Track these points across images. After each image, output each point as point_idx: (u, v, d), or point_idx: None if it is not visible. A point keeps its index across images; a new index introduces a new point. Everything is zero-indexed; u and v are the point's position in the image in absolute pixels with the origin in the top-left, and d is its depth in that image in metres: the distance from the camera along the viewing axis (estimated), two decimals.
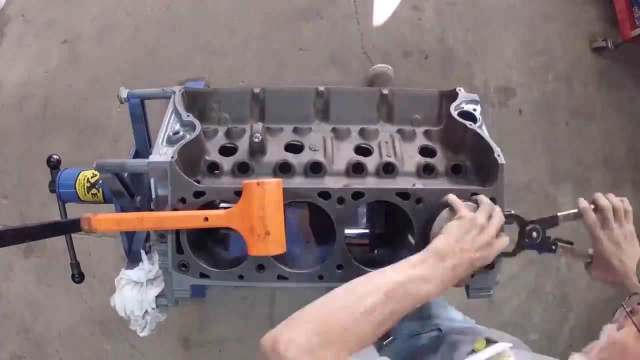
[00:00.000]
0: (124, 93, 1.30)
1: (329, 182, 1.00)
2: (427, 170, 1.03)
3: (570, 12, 2.59)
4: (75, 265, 1.41)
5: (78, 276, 1.41)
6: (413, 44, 2.51)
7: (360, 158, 1.04)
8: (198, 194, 0.92)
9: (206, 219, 0.89)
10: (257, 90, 1.14)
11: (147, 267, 1.40)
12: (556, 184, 2.47)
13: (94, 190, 1.36)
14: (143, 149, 1.49)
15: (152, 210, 1.04)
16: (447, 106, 1.12)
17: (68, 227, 1.35)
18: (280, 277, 0.95)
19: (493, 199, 0.93)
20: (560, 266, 2.42)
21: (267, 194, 0.86)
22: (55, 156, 1.39)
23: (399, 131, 1.13)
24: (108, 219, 0.93)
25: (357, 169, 1.03)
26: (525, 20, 2.57)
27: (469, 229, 0.79)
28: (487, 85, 2.50)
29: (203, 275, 0.96)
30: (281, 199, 0.89)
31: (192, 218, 0.90)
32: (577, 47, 2.57)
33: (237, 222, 0.89)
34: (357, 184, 0.99)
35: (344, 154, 1.06)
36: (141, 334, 1.45)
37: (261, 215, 0.86)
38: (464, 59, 2.51)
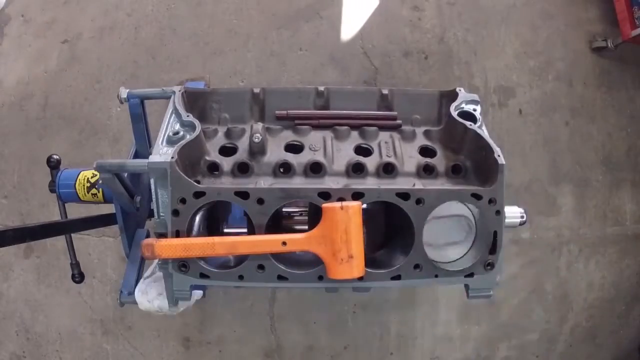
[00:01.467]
0: (124, 93, 1.30)
1: (329, 182, 1.00)
2: (427, 171, 1.03)
3: (570, 12, 2.59)
4: (75, 265, 1.41)
5: (78, 276, 1.42)
6: (413, 44, 2.51)
7: (360, 158, 1.03)
8: (198, 194, 0.92)
9: (284, 243, 0.87)
10: (257, 90, 1.14)
11: None
12: (556, 184, 2.47)
13: (94, 190, 1.36)
14: (143, 149, 1.49)
15: (151, 210, 1.03)
16: (447, 106, 1.12)
17: (68, 227, 1.35)
18: (281, 277, 0.95)
19: (493, 199, 0.93)
20: (560, 266, 2.42)
21: (351, 217, 0.85)
22: (55, 156, 1.39)
23: (399, 131, 1.13)
24: (174, 245, 0.89)
25: (357, 169, 1.02)
26: (525, 20, 2.57)
27: None
28: (487, 85, 2.50)
29: (203, 276, 0.96)
30: (361, 222, 0.87)
31: (269, 243, 0.88)
32: (577, 47, 2.57)
33: (318, 245, 0.88)
34: (357, 184, 0.99)
35: (344, 154, 1.06)
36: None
37: (344, 239, 0.85)
38: (464, 59, 2.51)
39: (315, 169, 1.02)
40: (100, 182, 1.33)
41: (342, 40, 2.50)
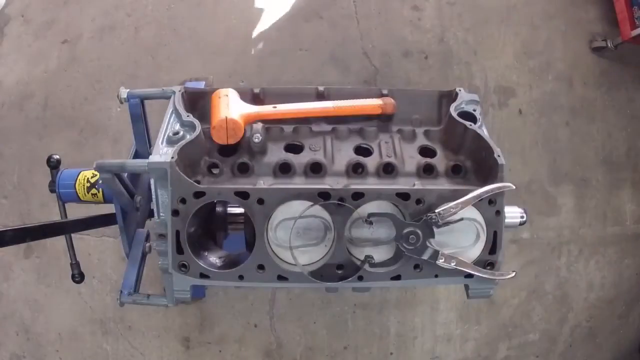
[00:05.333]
0: (124, 93, 1.30)
1: (329, 182, 1.00)
2: (427, 171, 1.03)
3: (570, 12, 2.59)
4: (75, 265, 1.41)
5: (78, 276, 1.41)
6: (413, 44, 2.51)
7: (360, 158, 1.04)
8: (198, 194, 0.92)
9: None
10: (257, 91, 1.14)
11: None
12: (556, 184, 2.47)
13: (93, 190, 1.36)
14: (143, 149, 1.49)
15: (151, 210, 1.03)
16: (447, 106, 1.12)
17: (68, 227, 1.35)
18: (281, 278, 0.95)
19: (493, 200, 0.93)
20: (560, 266, 2.42)
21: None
22: (55, 156, 1.39)
23: (399, 131, 1.13)
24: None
25: (357, 169, 1.03)
26: (525, 21, 2.57)
27: None
28: (487, 85, 2.50)
29: (203, 276, 0.96)
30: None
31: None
32: (577, 47, 2.57)
33: None
34: (357, 184, 0.99)
35: (344, 154, 1.06)
36: None
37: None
38: (464, 59, 2.51)
39: (316, 169, 1.02)
40: (100, 182, 1.33)
41: (342, 40, 2.50)
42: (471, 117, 1.08)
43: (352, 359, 2.35)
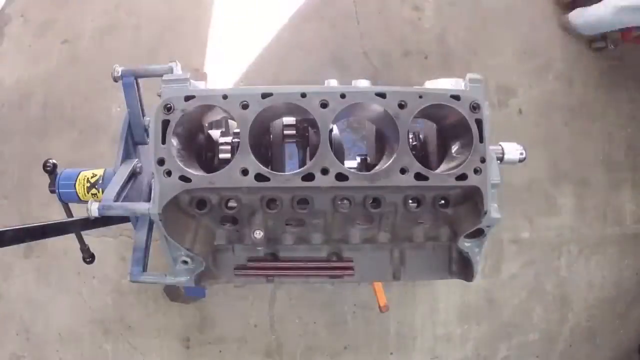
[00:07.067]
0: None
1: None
2: None
3: None
4: (86, 250, 1.43)
5: (89, 257, 1.43)
6: (413, 44, 2.51)
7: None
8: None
9: None
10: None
11: None
12: (556, 184, 2.47)
13: (94, 190, 1.36)
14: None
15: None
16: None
17: (68, 227, 1.35)
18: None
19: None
20: (560, 266, 2.42)
21: None
22: (51, 161, 1.39)
23: None
24: None
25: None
26: (525, 20, 2.57)
27: None
28: (487, 85, 2.50)
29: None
30: None
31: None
32: (577, 47, 2.57)
33: None
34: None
35: None
36: None
37: None
38: (464, 59, 2.51)
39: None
40: (101, 181, 1.34)
41: (342, 40, 2.50)
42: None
43: (352, 359, 2.35)
